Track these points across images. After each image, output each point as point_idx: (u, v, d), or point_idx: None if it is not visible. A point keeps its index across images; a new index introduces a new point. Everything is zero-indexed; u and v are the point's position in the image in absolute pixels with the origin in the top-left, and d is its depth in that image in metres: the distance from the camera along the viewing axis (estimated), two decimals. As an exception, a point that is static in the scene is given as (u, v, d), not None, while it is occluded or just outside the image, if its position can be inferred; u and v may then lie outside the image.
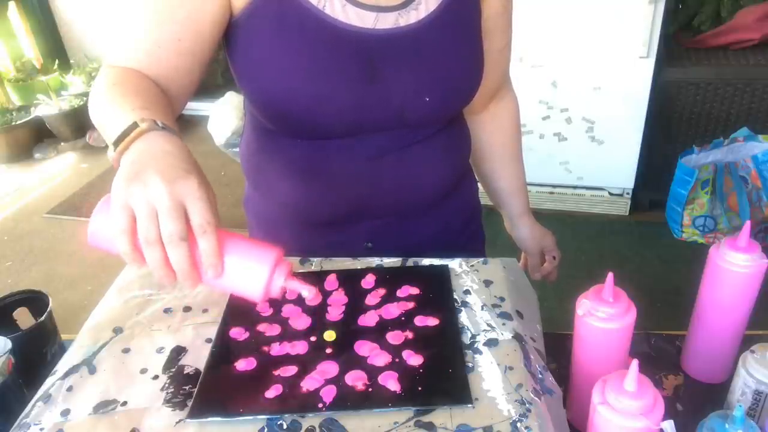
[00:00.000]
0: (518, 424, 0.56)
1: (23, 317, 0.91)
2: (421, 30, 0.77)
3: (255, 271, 0.57)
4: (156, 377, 0.64)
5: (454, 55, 0.80)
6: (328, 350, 0.66)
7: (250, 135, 0.89)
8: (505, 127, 1.02)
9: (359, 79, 0.75)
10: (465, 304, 0.72)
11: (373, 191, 0.84)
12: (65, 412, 0.60)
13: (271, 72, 0.74)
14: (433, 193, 0.88)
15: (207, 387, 0.62)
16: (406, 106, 0.78)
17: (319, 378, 0.62)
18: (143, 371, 0.65)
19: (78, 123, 3.71)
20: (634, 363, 0.54)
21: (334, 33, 0.73)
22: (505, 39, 0.90)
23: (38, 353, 0.84)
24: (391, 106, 0.77)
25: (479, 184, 1.05)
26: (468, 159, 0.96)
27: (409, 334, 0.67)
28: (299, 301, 0.74)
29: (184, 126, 3.69)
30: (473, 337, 0.67)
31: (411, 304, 0.72)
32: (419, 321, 0.69)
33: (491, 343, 0.66)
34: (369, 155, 0.81)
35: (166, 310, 0.74)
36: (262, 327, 0.70)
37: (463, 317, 0.70)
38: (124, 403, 0.61)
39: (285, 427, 0.57)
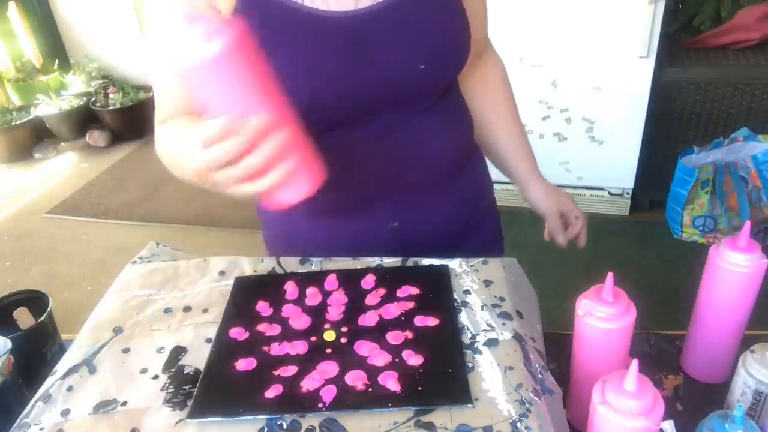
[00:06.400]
0: (518, 424, 0.56)
1: (23, 317, 0.91)
2: (403, 1, 0.76)
3: None
4: (156, 377, 0.64)
5: (440, 20, 0.80)
6: (328, 350, 0.66)
7: None
8: (494, 87, 1.02)
9: (352, 62, 0.75)
10: (465, 304, 0.72)
11: (385, 170, 0.84)
12: (65, 412, 0.60)
13: None
14: (444, 163, 0.88)
15: (207, 387, 0.62)
16: (402, 78, 0.78)
17: (319, 378, 0.62)
18: (143, 371, 0.65)
19: (78, 123, 3.71)
20: (634, 363, 0.54)
21: (319, 24, 0.73)
22: (482, 1, 0.91)
23: (38, 353, 0.84)
24: (388, 82, 0.77)
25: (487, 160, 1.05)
26: (472, 130, 0.96)
27: (409, 334, 0.67)
28: (299, 301, 0.74)
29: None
30: (473, 337, 0.67)
31: (411, 304, 0.72)
32: (419, 321, 0.69)
33: (491, 343, 0.66)
34: (375, 135, 0.81)
35: (166, 310, 0.74)
36: (262, 327, 0.70)
37: (463, 317, 0.70)
38: (124, 403, 0.61)
39: (285, 427, 0.57)
